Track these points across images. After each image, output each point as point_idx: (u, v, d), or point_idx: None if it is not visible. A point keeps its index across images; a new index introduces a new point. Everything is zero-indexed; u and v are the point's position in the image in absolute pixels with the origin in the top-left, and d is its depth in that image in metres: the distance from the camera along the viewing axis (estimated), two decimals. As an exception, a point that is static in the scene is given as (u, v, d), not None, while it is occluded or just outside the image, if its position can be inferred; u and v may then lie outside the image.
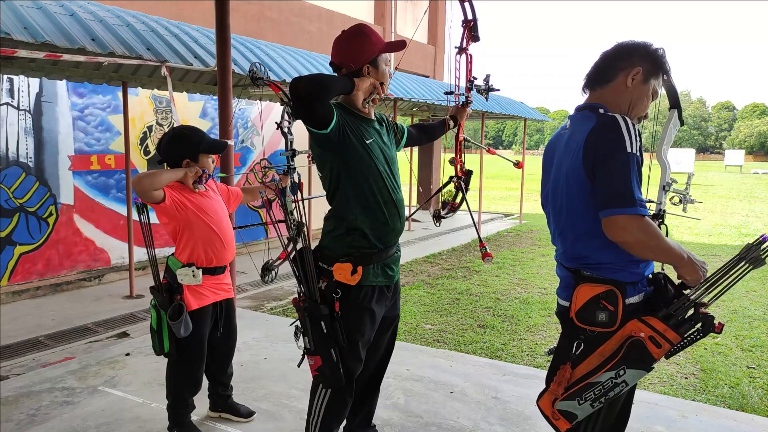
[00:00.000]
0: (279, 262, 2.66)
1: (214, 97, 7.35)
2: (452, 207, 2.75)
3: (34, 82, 6.01)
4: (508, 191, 20.77)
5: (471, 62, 2.71)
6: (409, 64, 12.26)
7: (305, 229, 2.30)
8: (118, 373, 3.77)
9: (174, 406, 2.90)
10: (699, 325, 1.74)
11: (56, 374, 3.75)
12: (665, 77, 2.02)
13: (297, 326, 2.25)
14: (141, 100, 7.06)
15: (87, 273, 6.52)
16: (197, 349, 2.85)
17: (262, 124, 8.86)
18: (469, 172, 2.75)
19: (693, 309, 1.75)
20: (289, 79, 5.58)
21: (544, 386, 1.94)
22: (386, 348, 2.58)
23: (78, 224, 6.49)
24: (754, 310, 5.83)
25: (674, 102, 2.17)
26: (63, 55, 4.12)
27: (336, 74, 2.28)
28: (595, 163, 1.74)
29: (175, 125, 3.21)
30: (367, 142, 2.23)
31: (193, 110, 7.71)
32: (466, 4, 2.67)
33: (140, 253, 6.55)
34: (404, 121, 14.77)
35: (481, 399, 3.43)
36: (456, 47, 2.70)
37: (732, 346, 4.80)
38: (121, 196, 6.77)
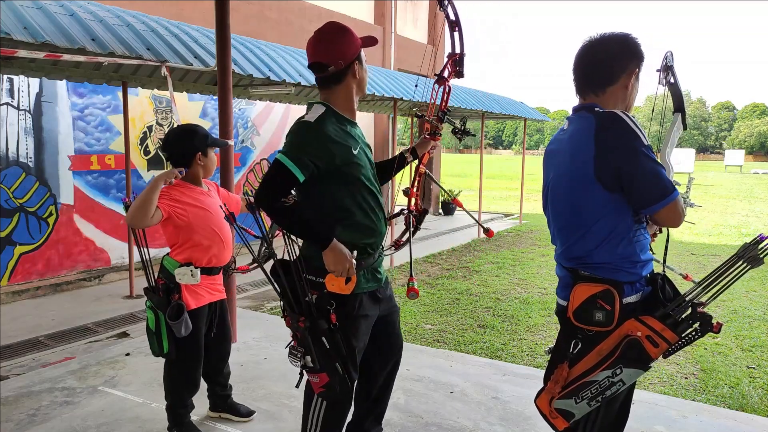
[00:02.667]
0: (241, 271, 2.64)
1: (214, 97, 7.35)
2: (397, 244, 2.54)
3: (34, 82, 6.01)
4: (508, 191, 20.77)
5: (449, 93, 2.51)
6: (409, 64, 12.25)
7: (291, 243, 2.20)
8: (118, 373, 3.77)
9: (173, 406, 2.90)
10: (697, 324, 1.74)
11: (56, 374, 3.75)
12: (672, 81, 2.03)
13: (292, 347, 2.16)
14: (141, 100, 7.06)
15: (87, 273, 6.52)
16: (195, 350, 2.85)
17: (263, 124, 8.86)
18: (425, 212, 2.53)
19: (691, 308, 1.75)
20: (289, 79, 5.57)
21: (543, 385, 1.95)
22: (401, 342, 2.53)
23: (78, 224, 6.49)
24: (754, 310, 5.83)
25: (679, 105, 2.17)
26: (63, 55, 4.12)
27: (317, 78, 2.21)
28: (618, 169, 1.75)
29: (176, 125, 3.21)
30: (355, 152, 2.14)
31: (193, 110, 7.71)
32: (456, 35, 2.48)
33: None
34: (404, 121, 14.76)
35: (481, 399, 3.43)
36: (435, 75, 2.49)
37: (732, 346, 4.80)
38: (121, 196, 6.77)
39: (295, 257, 2.18)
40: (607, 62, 1.87)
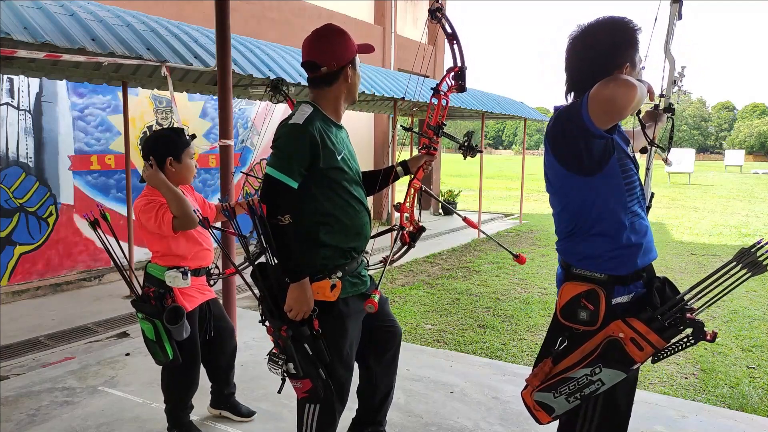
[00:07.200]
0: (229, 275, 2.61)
1: (214, 97, 7.35)
2: (385, 260, 2.38)
3: (34, 82, 6.01)
4: (508, 191, 20.77)
5: (447, 107, 2.43)
6: (409, 64, 12.25)
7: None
8: (118, 373, 3.77)
9: (173, 409, 2.90)
10: (689, 331, 1.70)
11: (56, 374, 3.75)
12: None
13: (272, 354, 2.16)
14: (141, 100, 7.06)
15: (87, 273, 6.52)
16: (194, 352, 2.84)
17: (263, 124, 8.85)
18: (422, 229, 2.43)
19: (679, 314, 1.71)
20: (289, 79, 5.57)
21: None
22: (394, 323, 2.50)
23: (78, 224, 6.49)
24: (754, 310, 5.83)
25: None
26: (63, 55, 4.11)
27: (309, 77, 2.21)
28: (563, 133, 1.80)
29: (175, 125, 3.20)
30: (339, 158, 2.14)
31: (193, 110, 7.71)
32: (455, 47, 2.39)
33: (140, 253, 6.55)
34: (404, 122, 14.79)
35: (481, 399, 3.43)
36: (432, 88, 2.39)
37: (732, 346, 4.80)
38: (121, 196, 6.77)
39: (275, 262, 2.15)
40: (605, 60, 1.81)
